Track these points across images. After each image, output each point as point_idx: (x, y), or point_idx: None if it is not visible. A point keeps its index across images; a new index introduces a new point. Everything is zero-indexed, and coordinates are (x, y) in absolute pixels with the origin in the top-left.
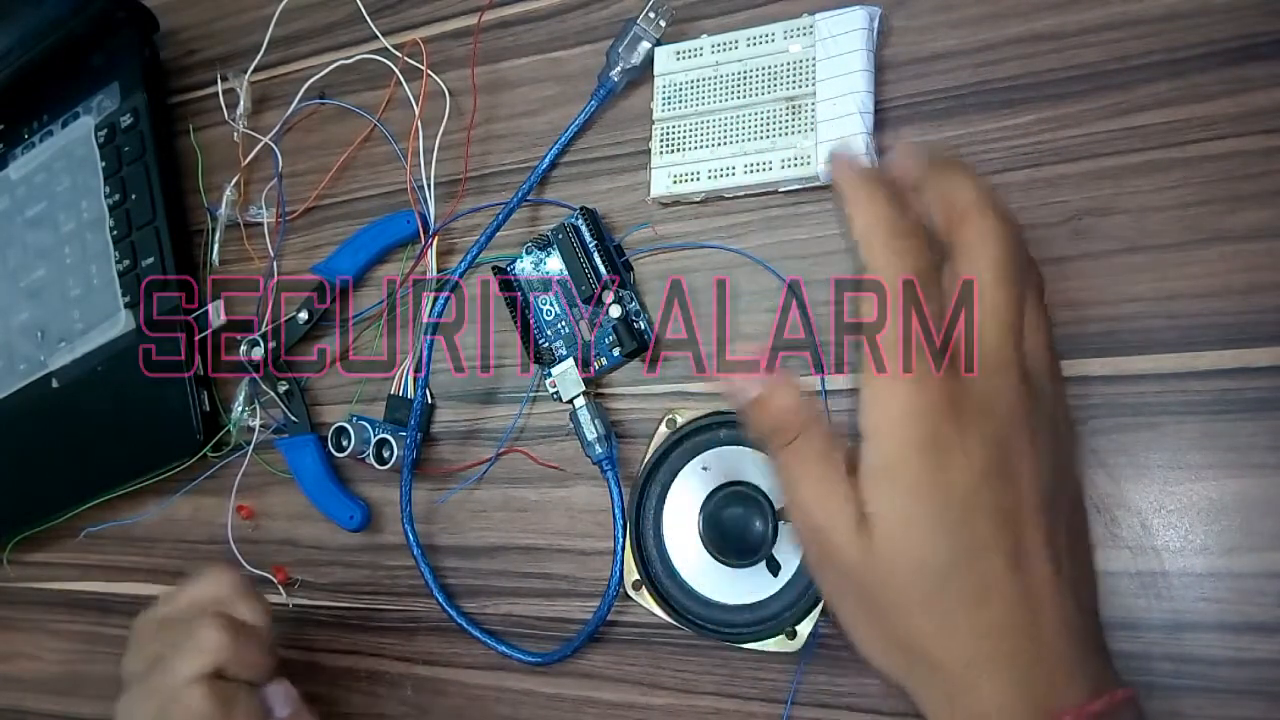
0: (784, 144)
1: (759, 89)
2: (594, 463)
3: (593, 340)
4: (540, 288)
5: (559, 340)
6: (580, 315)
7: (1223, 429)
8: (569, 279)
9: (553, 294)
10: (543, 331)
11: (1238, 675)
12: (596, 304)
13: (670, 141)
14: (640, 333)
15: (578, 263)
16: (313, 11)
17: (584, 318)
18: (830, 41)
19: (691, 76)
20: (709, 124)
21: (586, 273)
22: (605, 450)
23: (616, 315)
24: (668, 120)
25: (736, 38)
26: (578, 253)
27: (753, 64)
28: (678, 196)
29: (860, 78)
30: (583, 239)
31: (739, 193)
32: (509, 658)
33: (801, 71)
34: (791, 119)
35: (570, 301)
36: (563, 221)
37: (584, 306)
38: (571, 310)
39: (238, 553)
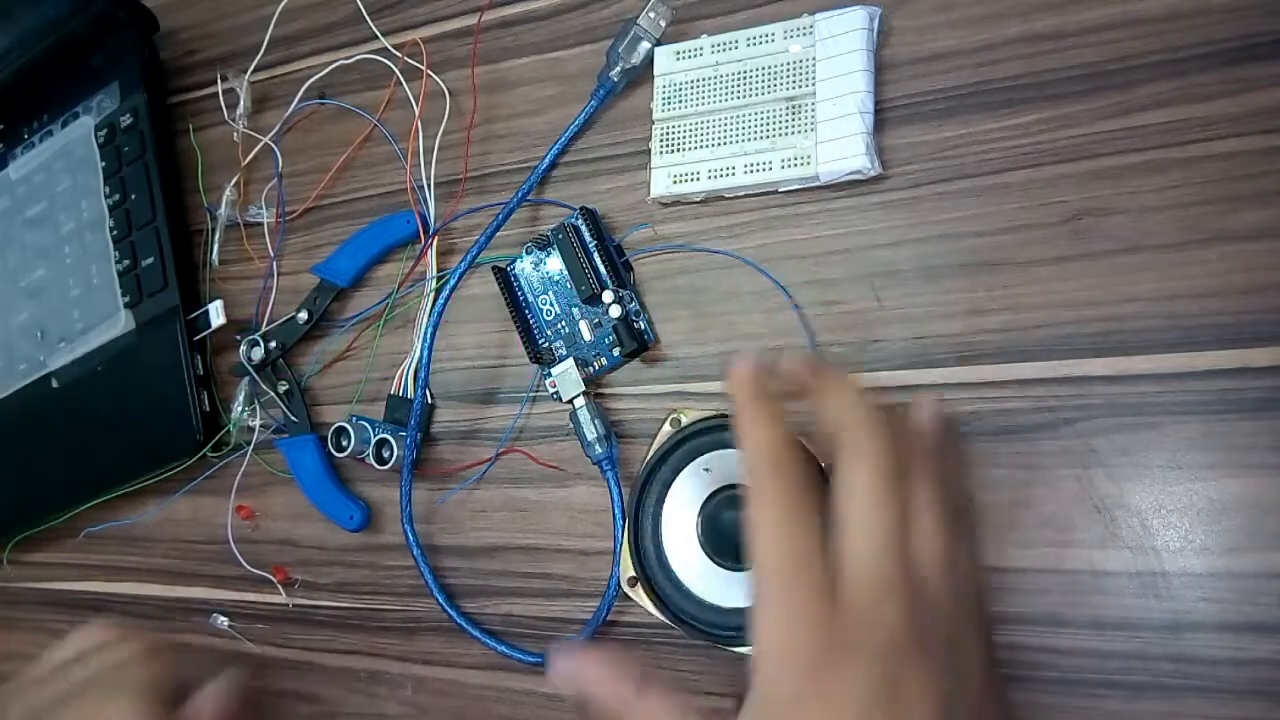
0: (784, 144)
1: (759, 89)
2: (594, 462)
3: (593, 340)
4: (540, 287)
5: (559, 340)
6: (580, 315)
7: (1223, 429)
8: (569, 279)
9: (552, 294)
10: (543, 331)
11: (1238, 675)
12: (596, 304)
13: (670, 141)
14: (640, 333)
15: (577, 263)
16: (312, 11)
17: (584, 318)
18: (830, 41)
19: (691, 77)
20: (709, 124)
21: (586, 273)
22: (605, 450)
23: (616, 315)
24: (668, 120)
25: (736, 38)
26: (578, 253)
27: (753, 64)
28: (678, 196)
29: (860, 78)
30: (583, 239)
31: (739, 193)
32: (509, 658)
33: (801, 71)
34: (791, 119)
35: (570, 301)
36: (563, 221)
37: (584, 307)
38: (572, 310)
39: (237, 553)
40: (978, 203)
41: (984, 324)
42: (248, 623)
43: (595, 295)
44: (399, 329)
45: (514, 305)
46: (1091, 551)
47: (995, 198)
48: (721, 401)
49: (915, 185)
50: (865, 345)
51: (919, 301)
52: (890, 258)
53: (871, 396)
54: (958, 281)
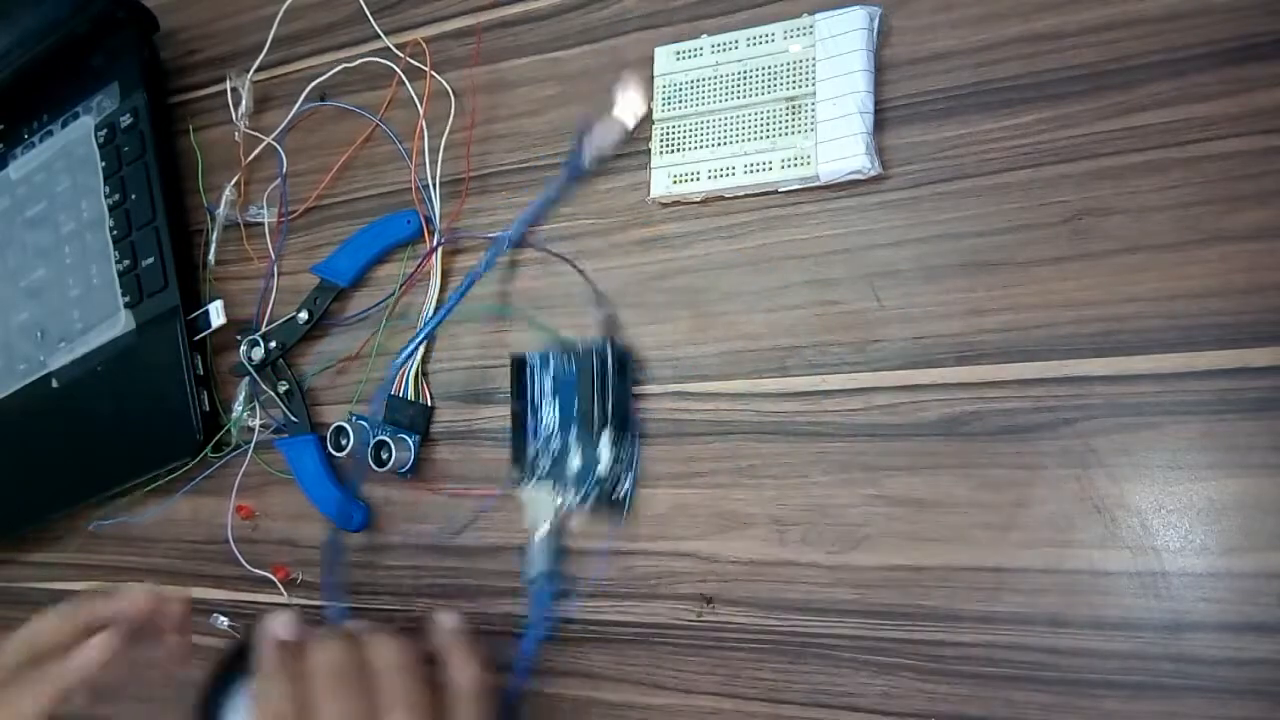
0: (784, 144)
1: (759, 89)
2: (523, 583)
3: (577, 473)
4: (549, 392)
5: (546, 455)
6: (575, 440)
7: (1223, 429)
8: (577, 400)
9: (558, 403)
10: (535, 437)
11: (1238, 675)
12: (592, 441)
13: (670, 142)
14: (617, 501)
15: (589, 391)
16: (314, 11)
17: (578, 445)
18: (830, 41)
19: (691, 77)
20: (709, 124)
21: (592, 408)
22: (543, 585)
23: (602, 470)
24: (668, 120)
25: (736, 38)
26: (593, 382)
27: (753, 64)
28: (678, 197)
29: (860, 78)
30: (604, 370)
31: (739, 193)
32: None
33: (801, 71)
34: (791, 119)
35: (570, 420)
36: (594, 343)
37: (583, 433)
38: (570, 430)
39: (238, 552)
40: (978, 203)
41: (984, 324)
42: (248, 622)
43: (594, 432)
44: (400, 330)
45: (518, 396)
46: (1091, 551)
47: (995, 198)
48: (721, 401)
49: (915, 185)
50: (865, 345)
51: (919, 301)
52: (890, 258)
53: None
54: (958, 281)
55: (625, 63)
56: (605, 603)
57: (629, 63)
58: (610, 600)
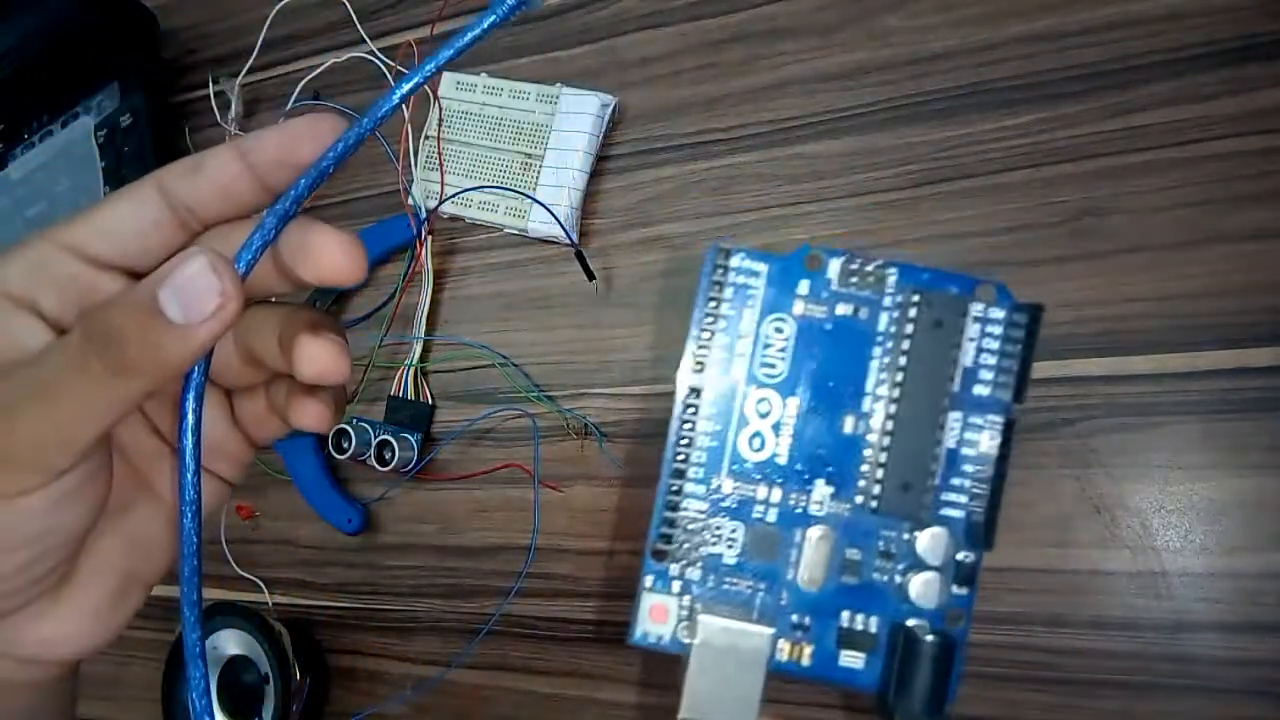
0: (510, 195)
1: (506, 139)
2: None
3: (904, 579)
4: (790, 372)
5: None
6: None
7: (1223, 429)
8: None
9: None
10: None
11: (1238, 675)
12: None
13: (433, 160)
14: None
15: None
16: (309, 13)
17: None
18: (566, 117)
19: (464, 108)
20: (464, 155)
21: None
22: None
23: (959, 514)
24: (436, 140)
25: (504, 86)
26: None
27: (508, 114)
28: (443, 212)
29: (579, 157)
30: (1009, 343)
31: (477, 221)
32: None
33: (539, 135)
34: (522, 174)
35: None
36: (949, 291)
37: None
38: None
39: (228, 553)
40: (978, 203)
41: None
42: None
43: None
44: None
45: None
46: (1091, 551)
47: (995, 198)
48: None
49: (915, 185)
50: None
51: None
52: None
53: None
54: None
55: (624, 62)
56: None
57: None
58: None
